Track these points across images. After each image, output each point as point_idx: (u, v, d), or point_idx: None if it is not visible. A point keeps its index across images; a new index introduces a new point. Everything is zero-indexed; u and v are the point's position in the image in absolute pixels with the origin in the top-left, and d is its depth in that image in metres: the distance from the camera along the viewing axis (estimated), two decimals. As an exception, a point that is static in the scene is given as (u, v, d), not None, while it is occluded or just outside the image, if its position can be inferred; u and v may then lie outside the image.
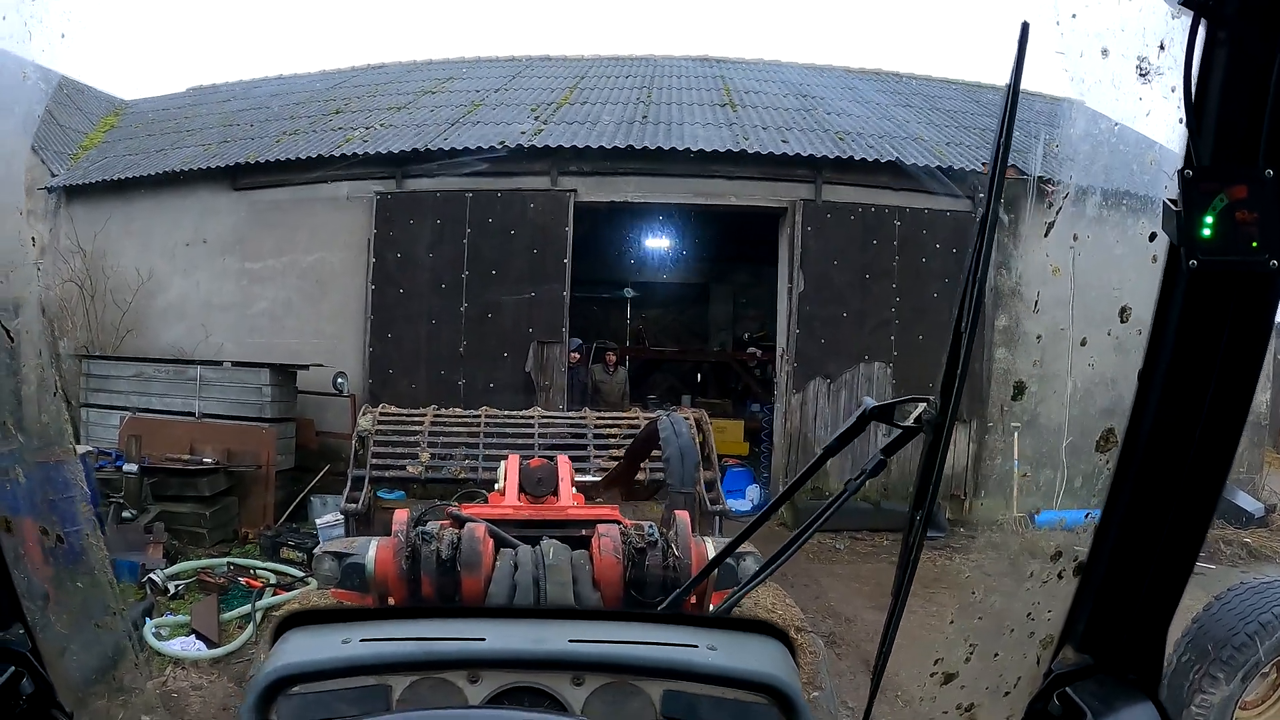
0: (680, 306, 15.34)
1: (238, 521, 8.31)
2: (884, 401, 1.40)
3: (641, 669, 1.26)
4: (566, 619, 1.47)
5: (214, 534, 7.96)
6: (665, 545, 2.87)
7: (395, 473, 5.72)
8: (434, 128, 10.25)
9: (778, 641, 1.35)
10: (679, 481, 3.66)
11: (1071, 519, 5.14)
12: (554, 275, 9.42)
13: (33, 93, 1.25)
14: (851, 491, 1.44)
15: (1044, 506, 6.79)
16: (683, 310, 15.41)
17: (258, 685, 1.21)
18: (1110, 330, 1.09)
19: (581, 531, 3.09)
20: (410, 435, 5.87)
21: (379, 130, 10.37)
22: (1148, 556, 1.01)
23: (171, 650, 5.64)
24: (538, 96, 11.65)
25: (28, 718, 0.95)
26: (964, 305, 1.19)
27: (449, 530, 2.81)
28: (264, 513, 8.37)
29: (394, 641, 1.26)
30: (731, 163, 9.39)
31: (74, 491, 1.73)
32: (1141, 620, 1.03)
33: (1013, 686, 1.32)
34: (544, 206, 9.46)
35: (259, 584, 6.71)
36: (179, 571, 6.97)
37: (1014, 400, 1.40)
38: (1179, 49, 0.84)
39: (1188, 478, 0.96)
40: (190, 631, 5.91)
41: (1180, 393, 0.93)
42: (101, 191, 10.51)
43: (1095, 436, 1.12)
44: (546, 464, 3.75)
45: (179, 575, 6.91)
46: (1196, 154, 0.85)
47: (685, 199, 9.95)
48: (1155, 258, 0.93)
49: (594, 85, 12.48)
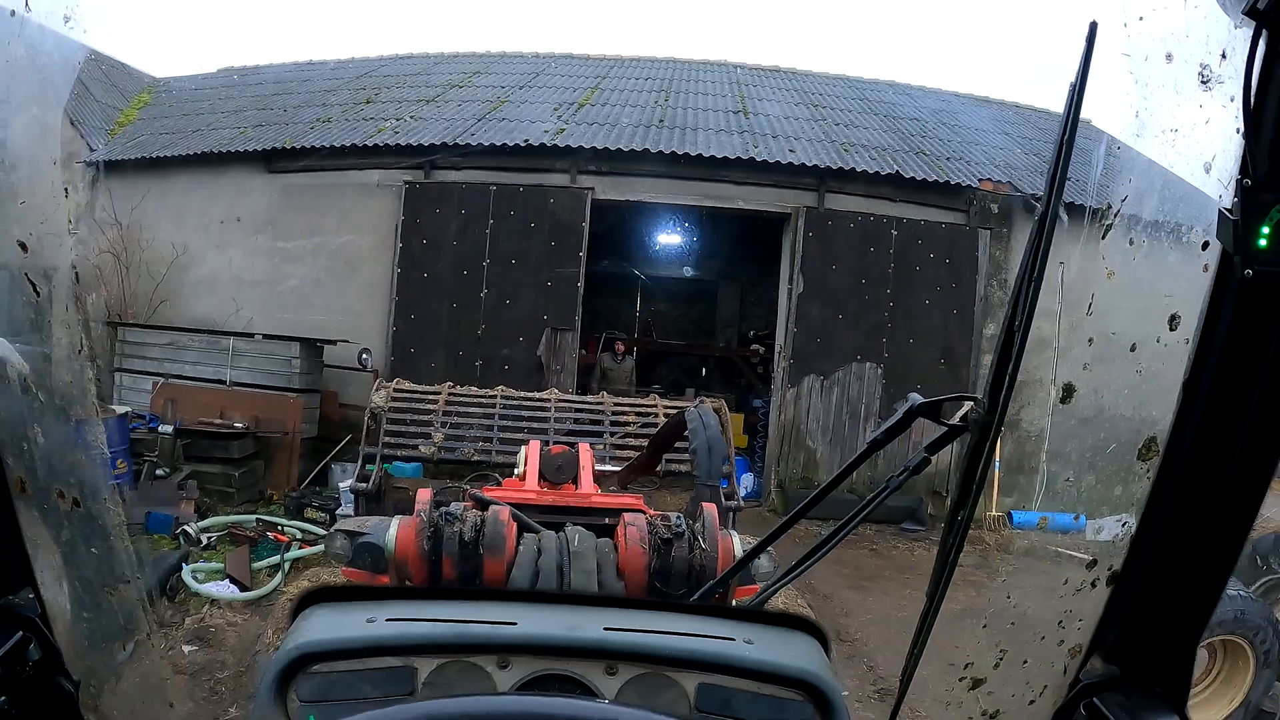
0: (689, 302, 15.84)
1: (263, 483, 8.88)
2: (931, 399, 1.37)
3: (678, 660, 1.23)
4: (600, 606, 1.42)
5: (241, 493, 8.54)
6: (692, 537, 2.83)
7: (408, 452, 5.62)
8: (461, 122, 10.78)
9: (813, 638, 1.33)
10: (706, 474, 3.68)
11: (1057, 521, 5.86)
12: (569, 267, 9.96)
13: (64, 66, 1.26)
14: (894, 488, 1.43)
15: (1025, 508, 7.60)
16: (691, 306, 15.91)
17: (278, 662, 1.19)
18: (1159, 337, 1.07)
19: (605, 520, 3.06)
20: (424, 414, 5.74)
21: (409, 122, 10.90)
22: (1182, 569, 0.99)
23: (209, 591, 6.21)
24: (560, 95, 12.17)
25: (34, 684, 0.91)
26: (1019, 304, 1.17)
27: (473, 512, 2.80)
28: (288, 476, 8.93)
29: (421, 622, 1.23)
30: (741, 169, 9.92)
31: (93, 454, 1.69)
32: (1171, 633, 1.00)
33: (1039, 695, 1.29)
34: (563, 202, 10.01)
35: (285, 539, 7.27)
36: (210, 525, 7.55)
37: (1062, 403, 1.35)
38: (1240, 58, 0.84)
39: (1227, 491, 0.94)
40: (225, 577, 6.47)
41: (1225, 404, 0.92)
42: (139, 167, 10.96)
43: (1138, 445, 1.09)
44: (567, 451, 3.76)
45: (210, 529, 7.48)
46: (1254, 164, 0.85)
47: (697, 201, 10.47)
48: (1207, 266, 0.92)
49: (614, 86, 12.97)
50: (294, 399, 9.08)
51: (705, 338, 15.52)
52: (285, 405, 9.05)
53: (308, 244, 10.36)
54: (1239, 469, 0.92)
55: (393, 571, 2.71)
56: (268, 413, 8.99)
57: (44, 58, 1.23)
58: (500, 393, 6.19)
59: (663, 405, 5.99)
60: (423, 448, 5.60)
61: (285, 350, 9.19)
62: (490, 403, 5.99)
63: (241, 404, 9.02)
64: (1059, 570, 1.87)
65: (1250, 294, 0.87)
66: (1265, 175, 0.83)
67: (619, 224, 12.31)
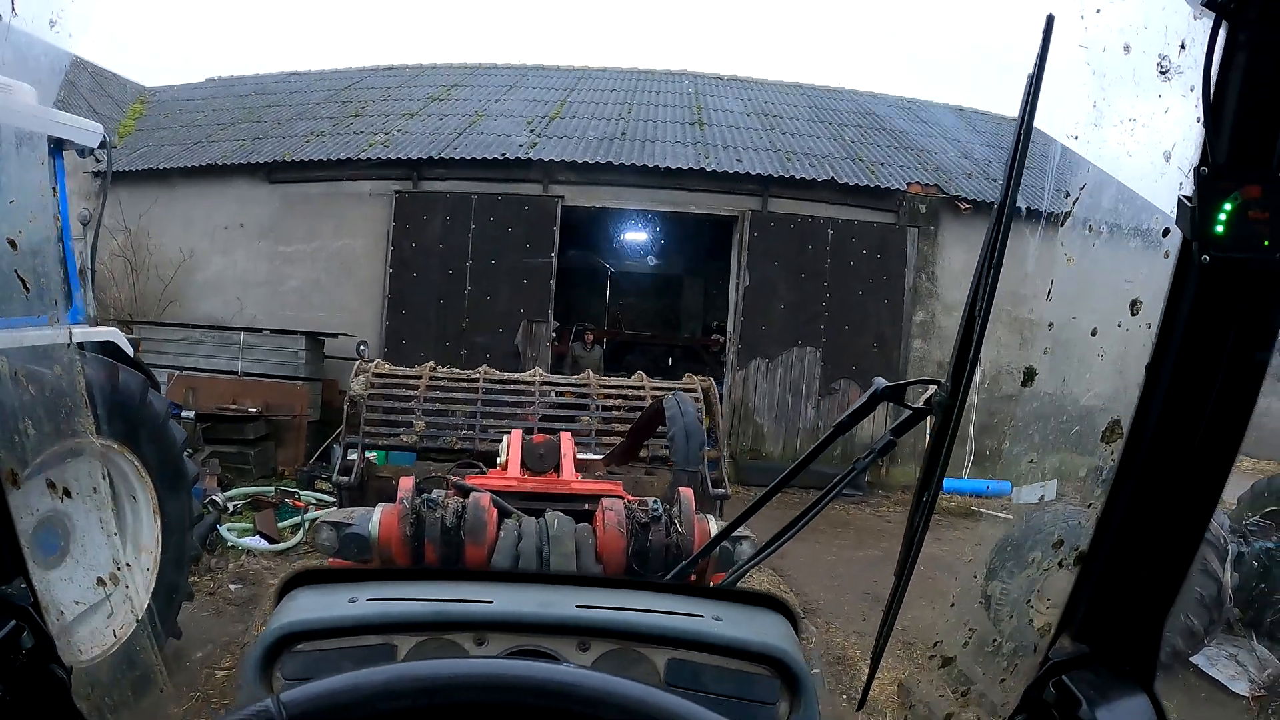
0: (656, 295, 17.08)
1: (275, 461, 9.99)
2: (895, 382, 1.40)
3: (647, 636, 1.27)
4: (573, 585, 1.45)
5: (257, 470, 9.61)
6: (669, 521, 2.90)
7: (389, 441, 5.38)
8: (444, 137, 11.97)
9: (781, 615, 1.36)
10: (683, 460, 3.78)
11: (969, 488, 7.69)
12: (542, 267, 11.21)
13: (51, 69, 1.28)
14: (862, 469, 1.47)
15: (952, 475, 9.47)
16: (659, 299, 17.16)
17: (263, 641, 1.22)
18: (1121, 322, 1.07)
19: (584, 505, 3.12)
20: (405, 401, 5.46)
21: (396, 136, 12.06)
22: (1148, 548, 0.99)
23: (244, 543, 7.40)
24: (532, 109, 13.37)
25: (26, 673, 0.91)
26: (979, 289, 1.19)
27: (454, 499, 2.86)
28: (297, 454, 10.01)
29: (401, 601, 1.27)
30: (694, 178, 11.27)
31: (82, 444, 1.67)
32: (1139, 612, 1.01)
33: (1009, 673, 1.31)
34: (537, 208, 11.25)
35: (302, 504, 8.45)
36: (234, 495, 8.70)
37: (1024, 386, 1.36)
38: (1199, 49, 0.84)
39: (1191, 471, 0.95)
40: (255, 533, 7.66)
41: (1187, 386, 0.92)
42: (145, 177, 11.86)
43: (1101, 427, 1.10)
44: (549, 440, 3.83)
45: (235, 497, 8.64)
46: (1212, 153, 0.85)
47: (656, 206, 11.80)
48: (1167, 253, 0.93)
49: (582, 99, 14.20)
50: (300, 386, 10.13)
51: (671, 329, 16.77)
52: (293, 392, 10.10)
53: (307, 248, 11.47)
54: (1202, 450, 0.93)
55: (377, 558, 2.77)
56: (277, 399, 9.97)
57: (31, 60, 1.23)
58: (484, 374, 5.92)
59: (650, 386, 5.83)
60: (404, 437, 5.30)
61: (292, 343, 10.27)
62: (473, 387, 5.73)
63: (252, 391, 9.99)
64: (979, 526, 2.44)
65: (1209, 279, 0.88)
66: (1223, 164, 0.85)
67: (589, 225, 13.51)
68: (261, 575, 6.99)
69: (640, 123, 13.05)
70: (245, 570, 7.08)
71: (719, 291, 16.17)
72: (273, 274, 11.60)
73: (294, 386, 10.18)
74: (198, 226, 11.80)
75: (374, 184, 11.32)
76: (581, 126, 12.60)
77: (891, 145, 13.32)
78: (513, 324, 11.15)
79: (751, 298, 11.30)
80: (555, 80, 15.40)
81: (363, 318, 11.18)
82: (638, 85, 15.41)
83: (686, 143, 12.27)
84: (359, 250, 11.40)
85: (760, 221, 11.31)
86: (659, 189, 11.32)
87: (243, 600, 6.44)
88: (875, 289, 11.46)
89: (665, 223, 13.92)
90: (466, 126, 12.45)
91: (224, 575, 6.96)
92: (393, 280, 11.22)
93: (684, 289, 17.18)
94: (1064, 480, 1.48)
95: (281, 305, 11.41)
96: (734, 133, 12.93)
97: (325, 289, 11.43)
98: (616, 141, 11.96)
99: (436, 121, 12.75)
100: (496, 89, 14.56)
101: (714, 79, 16.32)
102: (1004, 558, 6.15)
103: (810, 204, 11.39)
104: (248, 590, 6.65)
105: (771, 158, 11.89)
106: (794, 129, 13.50)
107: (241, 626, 6.01)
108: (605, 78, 15.86)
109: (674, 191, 11.34)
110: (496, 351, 10.87)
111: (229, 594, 6.56)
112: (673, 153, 11.71)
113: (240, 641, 5.62)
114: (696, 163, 11.34)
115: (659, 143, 12.14)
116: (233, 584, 6.78)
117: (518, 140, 11.72)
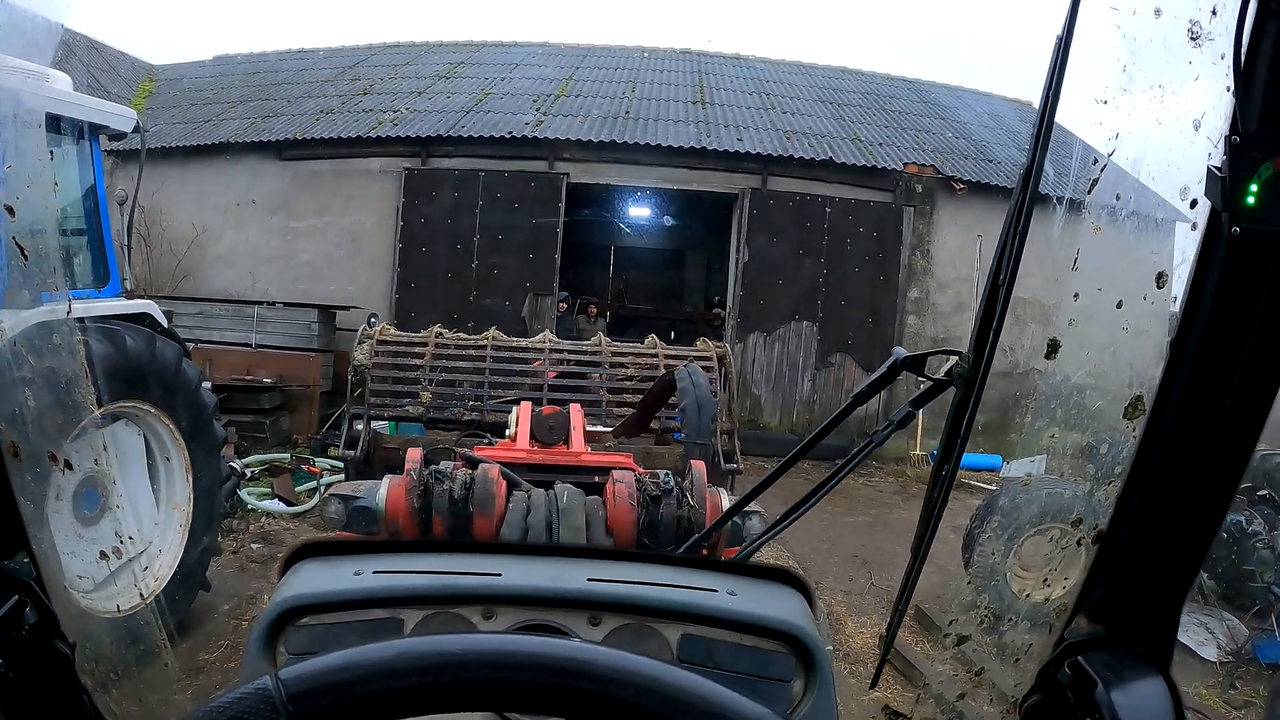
0: (659, 270, 17.38)
1: (289, 429, 10.34)
2: (916, 353, 1.38)
3: (660, 611, 1.24)
4: (584, 558, 1.42)
5: (272, 438, 9.94)
6: (680, 494, 2.84)
7: (395, 412, 5.26)
8: (452, 114, 12.20)
9: (797, 591, 1.33)
10: (695, 432, 3.70)
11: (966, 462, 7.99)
12: (548, 242, 11.49)
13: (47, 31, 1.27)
14: (879, 442, 1.43)
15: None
16: (662, 273, 17.45)
17: (267, 615, 1.20)
18: (1146, 295, 1.04)
19: (595, 478, 3.08)
20: (411, 371, 5.26)
21: (405, 114, 12.29)
22: (1168, 528, 0.95)
23: (264, 506, 7.78)
24: (538, 87, 13.57)
25: (30, 647, 0.89)
26: (1003, 258, 1.15)
27: (462, 470, 2.82)
28: (310, 423, 10.35)
29: (407, 574, 1.25)
30: (696, 156, 11.52)
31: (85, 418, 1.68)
32: (1157, 593, 0.98)
33: (1024, 653, 1.25)
34: (542, 186, 11.51)
35: (317, 470, 8.82)
36: (251, 462, 9.07)
37: (1047, 359, 1.31)
38: (1230, 15, 0.81)
39: (1214, 450, 0.91)
40: (274, 497, 8.03)
41: (1212, 362, 0.88)
42: (156, 155, 11.77)
43: (1124, 403, 1.05)
44: (559, 412, 3.79)
45: (252, 464, 9.02)
46: (1244, 122, 0.81)
47: (658, 184, 12.08)
48: (1195, 224, 0.89)
49: (587, 77, 14.39)
50: (313, 357, 10.41)
51: (674, 302, 17.08)
52: (306, 363, 10.39)
53: (318, 223, 11.74)
54: (1225, 428, 0.89)
55: (384, 530, 2.74)
56: (290, 370, 10.25)
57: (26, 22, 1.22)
58: (492, 338, 5.67)
59: (664, 353, 5.57)
60: (410, 409, 5.17)
61: (305, 316, 10.54)
62: (481, 354, 5.47)
63: (266, 363, 10.26)
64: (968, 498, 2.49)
65: (1238, 251, 0.84)
66: (1254, 133, 0.81)
67: (594, 201, 13.78)
68: (281, 535, 7.38)
69: (644, 101, 13.27)
70: (265, 530, 7.47)
71: (720, 267, 16.42)
72: (285, 249, 11.87)
73: (307, 358, 10.46)
74: (210, 202, 12.03)
75: (383, 161, 11.58)
76: (586, 105, 12.82)
77: (890, 125, 13.51)
78: (519, 297, 11.46)
79: (750, 273, 11.59)
80: (561, 58, 15.57)
81: (373, 291, 11.47)
82: (642, 64, 15.58)
83: (689, 121, 12.49)
84: (369, 226, 11.67)
85: (760, 199, 11.57)
86: (662, 167, 11.57)
87: (264, 559, 6.83)
88: (871, 266, 11.74)
89: (668, 200, 14.19)
90: (474, 104, 12.68)
91: (246, 536, 7.34)
92: (402, 255, 11.51)
93: (686, 264, 17.47)
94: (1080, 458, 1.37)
95: (294, 279, 11.67)
96: (736, 112, 13.14)
97: (336, 263, 11.70)
98: (621, 120, 12.19)
99: (444, 99, 12.96)
100: (503, 66, 14.74)
101: (717, 58, 16.45)
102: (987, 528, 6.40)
103: (809, 183, 11.63)
104: (269, 549, 7.03)
105: (772, 137, 12.12)
106: (795, 108, 13.71)
107: (263, 582, 6.40)
108: (610, 56, 16.02)
109: (676, 169, 11.60)
110: (503, 325, 11.11)
111: (251, 552, 6.95)
112: (676, 131, 11.94)
113: (263, 596, 6.02)
114: (699, 141, 11.58)
115: (662, 121, 12.36)
116: (254, 543, 7.16)
117: (524, 118, 11.96)
